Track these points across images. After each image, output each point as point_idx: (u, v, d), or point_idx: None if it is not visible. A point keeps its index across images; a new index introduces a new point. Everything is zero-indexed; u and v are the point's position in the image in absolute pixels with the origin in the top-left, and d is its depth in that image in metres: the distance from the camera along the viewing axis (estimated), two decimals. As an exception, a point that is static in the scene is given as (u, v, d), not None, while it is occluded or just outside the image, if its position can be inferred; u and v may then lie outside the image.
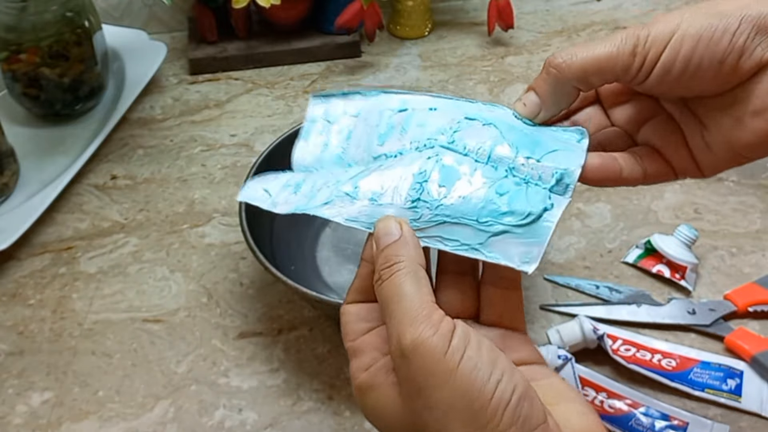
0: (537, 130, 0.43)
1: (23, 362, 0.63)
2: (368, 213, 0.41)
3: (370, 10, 0.88)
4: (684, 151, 0.42)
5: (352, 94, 0.48)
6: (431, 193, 0.40)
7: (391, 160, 0.43)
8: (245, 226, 0.62)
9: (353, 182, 0.42)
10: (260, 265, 0.60)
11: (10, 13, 0.76)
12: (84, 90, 0.82)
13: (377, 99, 0.47)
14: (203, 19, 0.90)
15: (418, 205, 0.40)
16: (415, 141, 0.44)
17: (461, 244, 0.40)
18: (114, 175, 0.79)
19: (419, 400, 0.35)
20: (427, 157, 0.42)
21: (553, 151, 0.42)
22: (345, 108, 0.48)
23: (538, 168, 0.41)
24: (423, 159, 0.42)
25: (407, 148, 0.44)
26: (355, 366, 0.39)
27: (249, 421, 0.59)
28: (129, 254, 0.71)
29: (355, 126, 0.47)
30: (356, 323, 0.40)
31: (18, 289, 0.68)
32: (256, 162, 0.67)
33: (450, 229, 0.40)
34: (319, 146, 0.48)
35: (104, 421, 0.59)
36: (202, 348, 0.63)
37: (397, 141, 0.44)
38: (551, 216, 0.40)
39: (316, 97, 0.49)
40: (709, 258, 0.69)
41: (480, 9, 0.98)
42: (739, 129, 0.39)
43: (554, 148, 0.42)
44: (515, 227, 0.39)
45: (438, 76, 0.89)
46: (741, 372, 0.60)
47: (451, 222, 0.40)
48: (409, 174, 0.41)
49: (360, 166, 0.45)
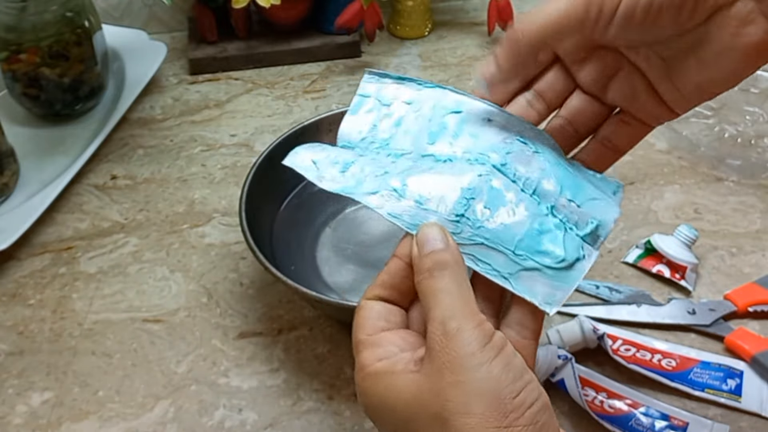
0: (577, 169, 0.44)
1: (23, 362, 0.63)
2: (412, 214, 0.41)
3: (370, 10, 0.88)
4: (654, 98, 0.43)
5: (408, 80, 0.47)
6: (476, 212, 0.41)
7: (441, 165, 0.43)
8: (245, 226, 0.62)
9: (401, 179, 0.42)
10: (260, 265, 0.60)
11: (10, 13, 0.76)
12: (84, 90, 0.82)
13: (432, 92, 0.46)
14: (203, 19, 0.90)
15: (461, 220, 0.40)
16: (467, 152, 0.44)
17: (492, 269, 0.40)
18: (114, 175, 0.79)
19: (449, 376, 0.36)
20: (478, 174, 0.42)
21: (593, 199, 0.43)
22: (397, 93, 0.47)
23: (577, 213, 0.42)
24: (474, 175, 0.42)
25: (458, 156, 0.44)
26: (369, 355, 0.39)
27: (249, 421, 0.59)
28: (129, 254, 0.71)
29: (406, 114, 0.46)
30: (377, 320, 0.40)
31: (18, 289, 0.68)
32: (257, 162, 0.67)
33: (485, 252, 0.40)
34: (367, 125, 0.47)
35: (104, 421, 0.59)
36: (202, 348, 0.63)
37: (448, 145, 0.44)
38: (582, 266, 0.41)
39: (371, 74, 0.48)
40: (709, 258, 0.69)
41: (480, 9, 0.98)
42: (705, 69, 0.40)
43: (594, 197, 0.43)
44: (547, 268, 0.40)
45: (438, 76, 0.89)
46: (741, 372, 0.60)
47: (488, 246, 0.40)
48: (458, 187, 0.41)
49: (408, 161, 0.44)
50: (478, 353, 0.36)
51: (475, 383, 0.35)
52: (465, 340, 0.36)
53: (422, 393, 0.36)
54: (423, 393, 0.36)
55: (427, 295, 0.39)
